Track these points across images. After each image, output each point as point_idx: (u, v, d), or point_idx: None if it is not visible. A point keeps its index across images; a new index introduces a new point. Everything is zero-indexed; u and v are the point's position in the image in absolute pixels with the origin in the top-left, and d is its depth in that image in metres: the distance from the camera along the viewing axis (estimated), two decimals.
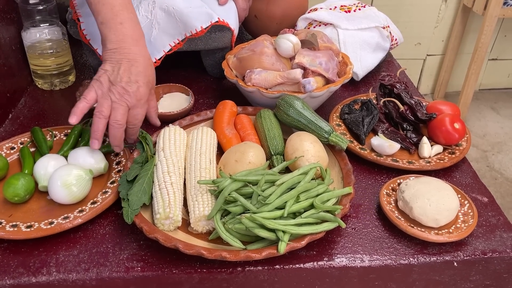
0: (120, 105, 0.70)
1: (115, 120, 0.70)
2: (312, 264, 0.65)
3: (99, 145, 0.71)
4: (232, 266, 0.63)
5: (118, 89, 0.70)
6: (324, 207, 0.65)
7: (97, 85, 0.71)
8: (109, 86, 0.70)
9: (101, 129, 0.70)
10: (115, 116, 0.70)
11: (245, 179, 0.66)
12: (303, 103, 0.83)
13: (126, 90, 0.70)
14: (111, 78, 0.71)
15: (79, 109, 0.70)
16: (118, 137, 0.72)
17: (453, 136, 0.83)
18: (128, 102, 0.71)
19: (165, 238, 0.62)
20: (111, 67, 0.71)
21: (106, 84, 0.71)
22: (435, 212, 0.67)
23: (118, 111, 0.70)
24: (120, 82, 0.70)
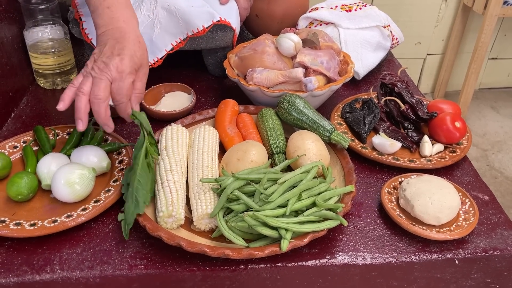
0: (100, 79, 0.67)
1: (94, 95, 0.67)
2: (314, 262, 0.65)
3: (83, 126, 0.68)
4: (234, 264, 0.63)
5: (99, 64, 0.68)
6: (326, 205, 0.66)
7: (84, 69, 0.70)
8: (93, 65, 0.68)
9: (83, 108, 0.67)
10: (94, 90, 0.67)
11: (248, 178, 0.67)
12: (304, 102, 0.83)
13: (106, 63, 0.67)
14: (96, 58, 0.69)
15: (66, 95, 0.68)
16: (102, 114, 0.68)
17: (454, 135, 0.83)
18: (107, 75, 0.67)
19: (168, 236, 0.62)
20: (98, 49, 0.70)
21: (91, 64, 0.69)
22: (436, 210, 0.68)
23: (97, 85, 0.67)
24: (100, 58, 0.68)
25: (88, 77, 0.68)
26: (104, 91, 0.67)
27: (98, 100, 0.67)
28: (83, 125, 0.68)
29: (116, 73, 0.68)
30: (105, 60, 0.68)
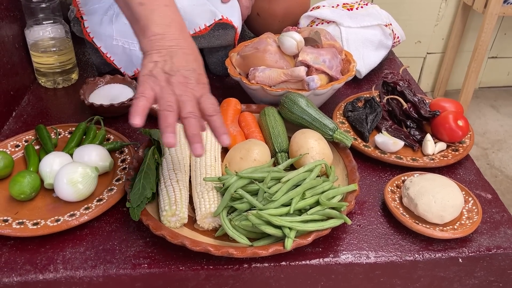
0: (187, 96, 0.59)
1: (189, 112, 0.58)
2: (318, 260, 0.65)
3: (175, 139, 0.57)
4: (238, 263, 0.63)
5: (179, 78, 0.59)
6: (330, 204, 0.65)
7: (152, 80, 0.59)
8: (167, 78, 0.59)
9: (174, 122, 0.58)
10: (186, 108, 0.58)
11: (251, 176, 0.67)
12: (307, 101, 0.83)
13: (188, 78, 0.60)
14: (165, 69, 0.60)
15: (140, 108, 0.57)
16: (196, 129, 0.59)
17: (456, 134, 0.83)
18: (194, 92, 0.60)
19: (172, 235, 0.62)
20: (160, 57, 0.60)
21: (162, 77, 0.59)
22: (440, 209, 0.68)
23: (187, 102, 0.59)
24: (178, 71, 0.60)
25: (169, 93, 0.59)
26: (196, 108, 0.60)
27: (195, 116, 0.59)
28: (174, 138, 0.57)
29: (201, 89, 0.61)
30: (184, 74, 0.60)
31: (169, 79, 0.60)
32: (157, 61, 0.61)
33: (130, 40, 0.96)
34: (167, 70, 0.60)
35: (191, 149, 0.59)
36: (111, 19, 0.96)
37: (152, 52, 0.61)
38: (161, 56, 0.61)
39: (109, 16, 0.96)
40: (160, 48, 0.61)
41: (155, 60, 0.61)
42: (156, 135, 0.76)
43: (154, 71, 0.60)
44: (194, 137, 0.58)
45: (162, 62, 0.60)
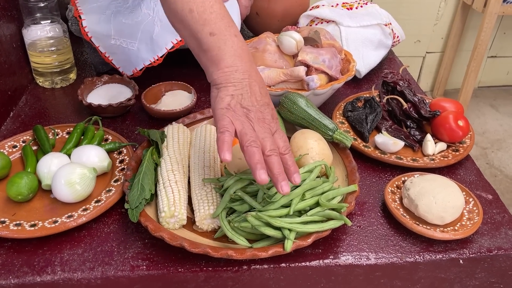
0: (266, 133, 0.60)
1: (271, 150, 0.59)
2: (318, 262, 0.64)
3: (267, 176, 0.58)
4: (237, 265, 0.63)
5: (257, 114, 0.61)
6: (330, 205, 0.65)
7: (231, 114, 0.60)
8: (245, 113, 0.60)
9: (262, 158, 0.58)
10: (268, 145, 0.59)
11: (250, 177, 0.66)
12: (307, 101, 0.83)
13: (264, 114, 0.61)
14: (242, 103, 0.60)
15: (227, 143, 0.58)
16: (281, 167, 0.60)
17: (457, 134, 0.83)
18: (271, 128, 0.61)
19: (171, 237, 0.61)
20: (236, 91, 0.61)
21: (241, 111, 0.60)
22: (440, 210, 0.67)
23: (267, 139, 0.60)
24: (254, 106, 0.61)
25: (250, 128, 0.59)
26: (274, 145, 0.60)
27: (277, 153, 0.60)
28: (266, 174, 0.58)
29: (275, 124, 0.62)
30: (260, 109, 0.61)
31: (248, 115, 0.60)
32: (233, 95, 0.61)
33: (129, 40, 0.96)
34: (245, 105, 0.61)
35: (277, 187, 0.59)
36: (109, 18, 0.95)
37: (228, 85, 0.61)
38: (236, 90, 0.61)
39: (107, 15, 0.96)
40: (235, 81, 0.61)
41: (232, 94, 0.61)
42: (154, 135, 0.76)
43: (232, 105, 0.60)
44: (279, 175, 0.59)
45: (239, 96, 0.61)
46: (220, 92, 0.61)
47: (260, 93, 0.62)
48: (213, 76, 0.63)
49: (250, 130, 0.59)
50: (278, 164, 0.59)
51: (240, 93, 0.61)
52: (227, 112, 0.60)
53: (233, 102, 0.60)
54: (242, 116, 0.60)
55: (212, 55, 0.62)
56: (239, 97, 0.61)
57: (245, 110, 0.60)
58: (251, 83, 0.62)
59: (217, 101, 0.61)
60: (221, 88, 0.61)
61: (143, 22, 0.94)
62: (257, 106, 0.61)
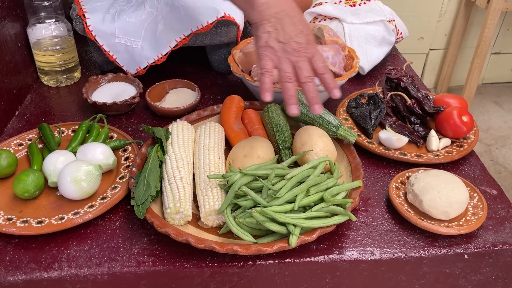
0: (303, 61, 0.65)
1: (306, 77, 0.65)
2: (323, 257, 0.65)
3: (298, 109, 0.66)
4: (243, 260, 0.63)
5: (293, 46, 0.65)
6: (334, 200, 0.65)
7: (270, 51, 0.65)
8: (282, 47, 0.65)
9: (295, 92, 0.66)
10: (304, 73, 0.65)
11: (255, 173, 0.66)
12: None
13: (300, 43, 0.65)
14: (279, 38, 0.65)
15: (267, 84, 0.65)
16: (314, 91, 0.66)
17: (461, 129, 0.83)
18: (307, 54, 0.66)
19: (176, 233, 0.62)
20: (271, 26, 0.65)
21: (278, 46, 0.65)
22: (445, 205, 0.67)
23: (303, 68, 0.65)
24: (291, 38, 0.65)
25: (287, 62, 0.65)
26: (311, 71, 0.66)
27: (311, 79, 0.65)
28: (298, 108, 0.66)
29: (312, 50, 0.66)
30: (296, 40, 0.65)
31: (284, 48, 0.65)
32: (270, 31, 0.66)
33: (133, 38, 0.96)
34: (281, 39, 0.65)
35: (311, 109, 0.66)
36: (113, 17, 0.95)
37: (263, 22, 0.66)
38: (272, 26, 0.66)
39: (111, 14, 0.96)
40: (269, 17, 0.66)
41: (268, 30, 0.66)
42: (159, 133, 0.76)
43: (269, 42, 0.66)
44: (313, 99, 0.66)
45: (275, 32, 0.65)
46: (258, 31, 0.67)
47: (294, 23, 0.66)
48: (251, 16, 0.68)
49: (286, 64, 0.65)
50: (312, 90, 0.65)
51: (275, 28, 0.65)
52: (266, 50, 0.66)
53: (270, 39, 0.65)
54: (280, 51, 0.65)
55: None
56: (275, 32, 0.65)
57: (282, 45, 0.65)
58: (284, 16, 0.66)
59: (256, 39, 0.67)
60: (259, 26, 0.66)
61: (146, 21, 0.95)
62: (293, 37, 0.65)
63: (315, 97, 0.66)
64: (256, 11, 0.66)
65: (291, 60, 0.65)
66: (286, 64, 0.65)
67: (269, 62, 0.66)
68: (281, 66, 0.65)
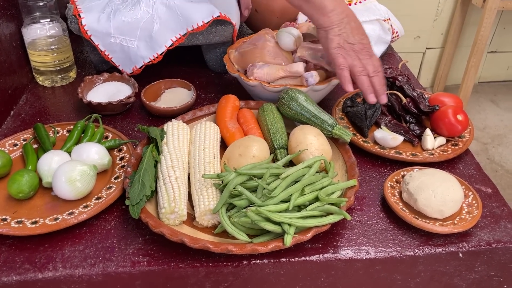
0: (368, 59, 0.79)
1: (374, 71, 0.79)
2: (318, 256, 0.65)
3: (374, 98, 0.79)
4: (238, 260, 0.63)
5: (359, 46, 0.78)
6: (329, 199, 0.65)
7: (342, 51, 0.78)
8: (351, 47, 0.78)
9: (369, 83, 0.79)
10: (371, 68, 0.78)
11: (250, 173, 0.66)
12: (306, 97, 0.83)
13: (364, 44, 0.79)
14: (348, 40, 0.78)
15: (347, 77, 0.79)
16: (382, 83, 0.80)
17: (456, 128, 0.83)
18: (370, 53, 0.79)
19: (171, 233, 0.62)
20: (340, 30, 0.78)
21: (348, 47, 0.78)
22: (440, 204, 0.67)
23: (370, 64, 0.79)
24: (355, 41, 0.78)
25: (357, 60, 0.78)
26: (375, 67, 0.79)
27: (378, 72, 0.79)
28: (373, 97, 0.79)
29: (371, 50, 0.80)
30: (360, 41, 0.78)
31: (353, 48, 0.78)
32: (339, 34, 0.78)
33: (128, 38, 0.96)
34: (350, 41, 0.78)
35: (379, 99, 0.80)
36: (108, 16, 0.95)
37: (333, 27, 0.78)
38: (341, 29, 0.78)
39: (106, 14, 0.96)
40: (338, 22, 0.78)
41: (338, 34, 0.78)
42: (154, 132, 0.76)
43: (341, 43, 0.78)
44: (381, 89, 0.80)
45: (344, 35, 0.78)
46: (329, 34, 0.78)
47: (357, 27, 0.79)
48: (319, 21, 0.79)
49: (357, 61, 0.78)
50: (378, 82, 0.79)
51: (344, 31, 0.78)
52: (339, 50, 0.78)
53: (341, 41, 0.78)
54: (350, 50, 0.78)
55: (315, 4, 0.78)
56: (344, 35, 0.78)
57: (351, 45, 0.78)
58: (349, 21, 0.78)
59: (329, 42, 0.78)
60: (329, 30, 0.78)
61: (142, 20, 0.95)
62: (358, 39, 0.78)
63: (381, 88, 0.79)
64: (326, 17, 0.77)
65: (359, 57, 0.78)
66: (357, 61, 0.78)
67: (344, 60, 0.78)
68: (353, 63, 0.78)
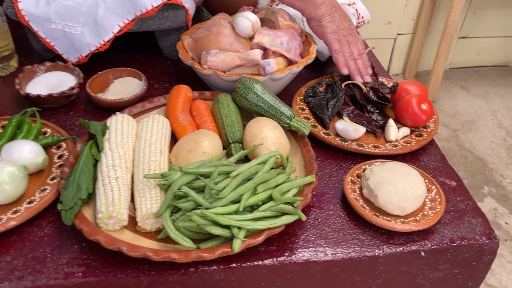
0: (354, 43, 0.89)
1: (358, 54, 0.89)
2: (272, 260, 0.60)
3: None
4: (184, 267, 0.58)
5: (348, 31, 0.88)
6: (283, 199, 0.60)
7: (337, 36, 0.87)
8: (342, 33, 0.87)
9: (356, 66, 0.88)
10: (356, 51, 0.89)
11: (197, 172, 0.61)
12: (263, 87, 0.77)
13: (351, 29, 0.89)
14: (339, 26, 0.87)
15: (343, 61, 0.88)
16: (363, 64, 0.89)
17: (420, 118, 0.79)
18: (356, 37, 0.89)
19: (108, 240, 0.56)
20: (331, 18, 0.86)
21: (340, 32, 0.87)
22: (401, 200, 0.63)
23: (355, 48, 0.89)
24: (345, 27, 0.88)
25: (346, 44, 0.88)
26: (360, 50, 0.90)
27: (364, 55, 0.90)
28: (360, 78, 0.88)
29: (356, 33, 0.90)
30: (347, 26, 0.88)
31: (344, 33, 0.88)
32: (331, 21, 0.87)
33: (71, 23, 0.88)
34: (341, 27, 0.88)
35: (364, 78, 0.89)
36: (48, 0, 0.87)
37: (325, 16, 0.86)
38: (331, 17, 0.87)
39: None
40: (327, 13, 0.86)
41: (330, 21, 0.87)
42: (94, 127, 0.69)
43: (335, 29, 0.87)
44: (364, 70, 0.89)
45: (335, 22, 0.87)
46: (322, 22, 0.87)
47: (343, 14, 0.89)
48: (312, 14, 0.87)
49: (347, 45, 0.88)
50: (362, 64, 0.89)
51: (334, 19, 0.87)
52: (335, 35, 0.87)
53: (334, 26, 0.87)
54: (341, 36, 0.88)
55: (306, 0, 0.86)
56: (336, 23, 0.87)
57: (342, 31, 0.88)
58: (337, 10, 0.88)
59: (324, 28, 0.87)
60: (321, 19, 0.86)
61: (85, 4, 0.87)
62: (346, 25, 0.88)
63: (365, 69, 0.89)
64: (318, 9, 0.85)
65: (348, 41, 0.88)
66: (346, 46, 0.88)
67: (339, 45, 0.87)
68: (343, 48, 0.88)
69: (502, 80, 2.50)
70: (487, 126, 2.16)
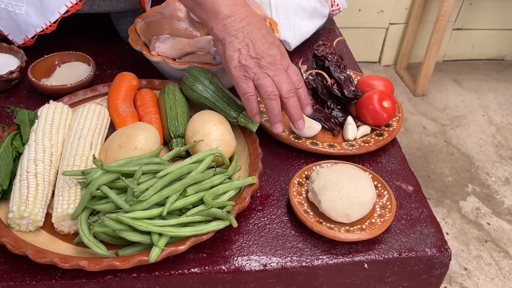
0: (281, 74, 0.62)
1: (287, 91, 0.62)
2: (199, 269, 0.55)
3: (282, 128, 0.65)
4: (100, 275, 0.53)
5: (267, 59, 0.61)
6: (214, 203, 0.55)
7: (245, 70, 0.62)
8: (257, 62, 0.61)
9: (280, 109, 0.63)
10: (284, 87, 0.62)
11: (119, 170, 0.55)
12: (211, 77, 0.71)
13: (273, 56, 0.62)
14: (251, 54, 0.61)
15: (255, 108, 0.63)
16: (298, 106, 0.64)
17: (381, 116, 0.73)
18: (283, 66, 0.63)
19: (14, 243, 0.51)
20: (240, 43, 0.61)
21: (252, 63, 0.61)
22: (345, 206, 0.58)
23: (283, 81, 0.62)
24: (263, 52, 0.61)
25: (266, 77, 0.61)
26: (290, 83, 0.63)
27: (293, 93, 0.63)
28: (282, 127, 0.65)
29: (286, 61, 0.63)
30: (268, 53, 0.61)
31: (260, 63, 0.61)
32: (240, 49, 0.61)
33: (14, 2, 0.82)
34: (254, 55, 0.61)
35: (295, 125, 0.65)
36: None
37: (231, 38, 0.61)
38: (241, 42, 0.61)
39: None
40: (236, 32, 0.61)
41: (238, 48, 0.61)
42: (20, 117, 0.64)
43: (242, 61, 0.61)
44: (297, 114, 0.64)
45: (246, 48, 0.61)
46: (227, 50, 0.62)
47: (263, 36, 0.62)
48: (214, 31, 0.63)
49: (265, 79, 0.61)
50: (295, 105, 0.63)
51: (245, 44, 0.61)
52: (241, 70, 0.61)
53: (242, 57, 0.61)
54: (255, 67, 0.61)
55: (208, 7, 0.62)
56: (246, 48, 0.61)
57: (255, 60, 0.61)
58: (252, 30, 0.61)
59: (228, 60, 0.62)
60: (226, 43, 0.62)
61: None
62: (265, 51, 0.61)
63: (298, 112, 0.64)
64: (220, 24, 0.61)
65: (268, 74, 0.61)
66: (266, 79, 0.61)
67: (249, 84, 0.62)
68: (260, 82, 0.61)
69: (496, 75, 2.42)
70: (476, 122, 2.10)
